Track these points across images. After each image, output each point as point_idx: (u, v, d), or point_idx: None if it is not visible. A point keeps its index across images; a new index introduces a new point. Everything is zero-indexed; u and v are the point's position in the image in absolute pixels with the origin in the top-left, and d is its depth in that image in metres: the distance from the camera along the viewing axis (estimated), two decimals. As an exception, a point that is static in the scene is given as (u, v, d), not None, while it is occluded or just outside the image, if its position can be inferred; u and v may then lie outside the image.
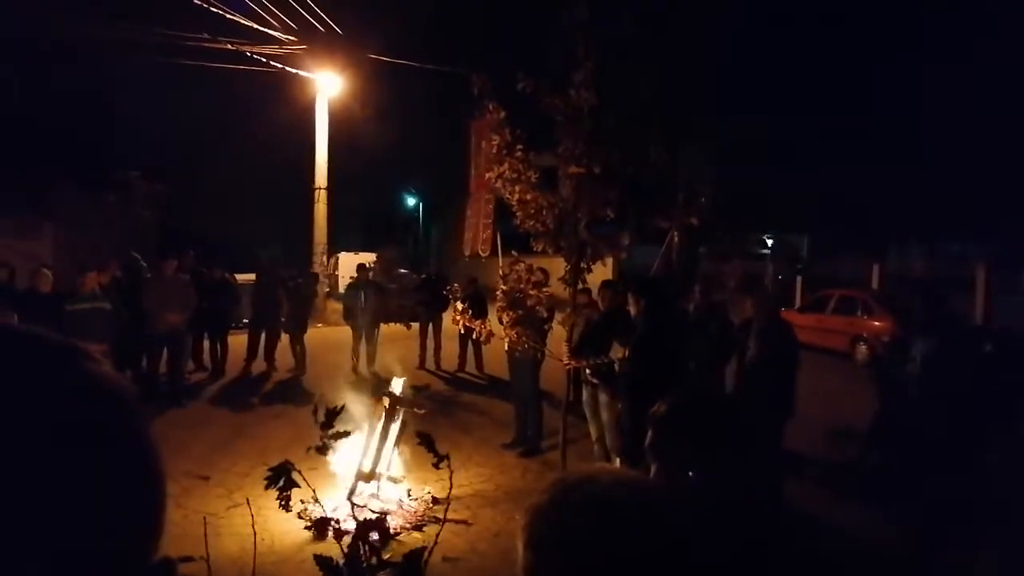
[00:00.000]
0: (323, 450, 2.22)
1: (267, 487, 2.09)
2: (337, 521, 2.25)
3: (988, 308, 14.48)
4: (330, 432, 2.23)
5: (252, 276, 12.53)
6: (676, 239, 10.94)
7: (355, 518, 2.20)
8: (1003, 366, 6.87)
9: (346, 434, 2.29)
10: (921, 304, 6.63)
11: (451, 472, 2.75)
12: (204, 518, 4.38)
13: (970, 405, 5.98)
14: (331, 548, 2.09)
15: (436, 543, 2.70)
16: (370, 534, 2.11)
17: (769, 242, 33.89)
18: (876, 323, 13.41)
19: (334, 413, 2.26)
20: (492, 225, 7.51)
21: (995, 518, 5.14)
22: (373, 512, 5.44)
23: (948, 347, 5.84)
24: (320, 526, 2.09)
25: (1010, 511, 5.18)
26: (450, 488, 2.96)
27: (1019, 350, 7.48)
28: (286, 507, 2.09)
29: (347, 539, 2.08)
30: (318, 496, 2.48)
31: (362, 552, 2.08)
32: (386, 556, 2.25)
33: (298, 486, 2.12)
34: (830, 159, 28.96)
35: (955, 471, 5.62)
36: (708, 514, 1.00)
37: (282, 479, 2.09)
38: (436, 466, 2.65)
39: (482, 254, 8.08)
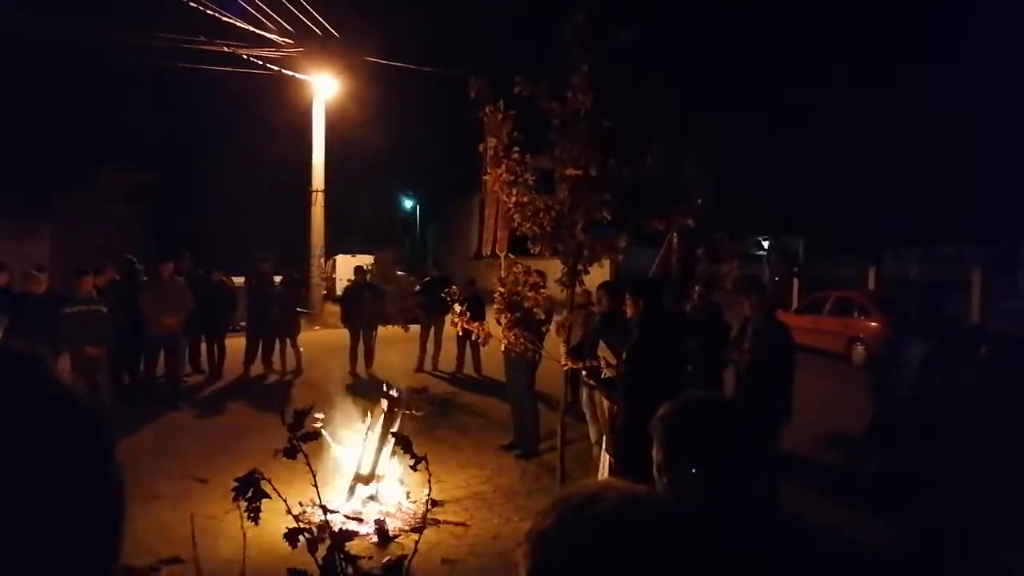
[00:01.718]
0: (291, 453, 2.19)
1: (234, 499, 2.06)
2: (331, 525, 2.23)
3: (984, 311, 14.52)
4: (299, 434, 2.20)
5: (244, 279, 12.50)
6: (676, 241, 10.93)
7: (329, 526, 2.18)
8: (1000, 368, 6.88)
9: (315, 436, 2.27)
10: (918, 306, 6.64)
11: (430, 474, 2.76)
12: (191, 515, 4.38)
13: (968, 406, 5.99)
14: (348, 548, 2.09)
15: (416, 551, 2.71)
16: (345, 545, 2.08)
17: (765, 244, 33.96)
18: (872, 324, 13.44)
19: (303, 414, 2.24)
20: (507, 225, 7.51)
21: (996, 519, 5.16)
22: (349, 518, 5.43)
23: (947, 348, 5.85)
24: (291, 536, 2.06)
25: (1011, 512, 5.20)
26: (429, 489, 2.95)
27: (1016, 352, 7.50)
28: (255, 519, 2.06)
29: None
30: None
31: (337, 563, 2.06)
32: (384, 559, 2.24)
33: (268, 496, 2.09)
34: (827, 162, 29.04)
35: (954, 472, 5.63)
36: (715, 522, 0.97)
37: (250, 490, 2.05)
38: (413, 468, 2.64)
39: (499, 254, 8.06)
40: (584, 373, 6.22)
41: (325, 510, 2.34)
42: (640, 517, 0.84)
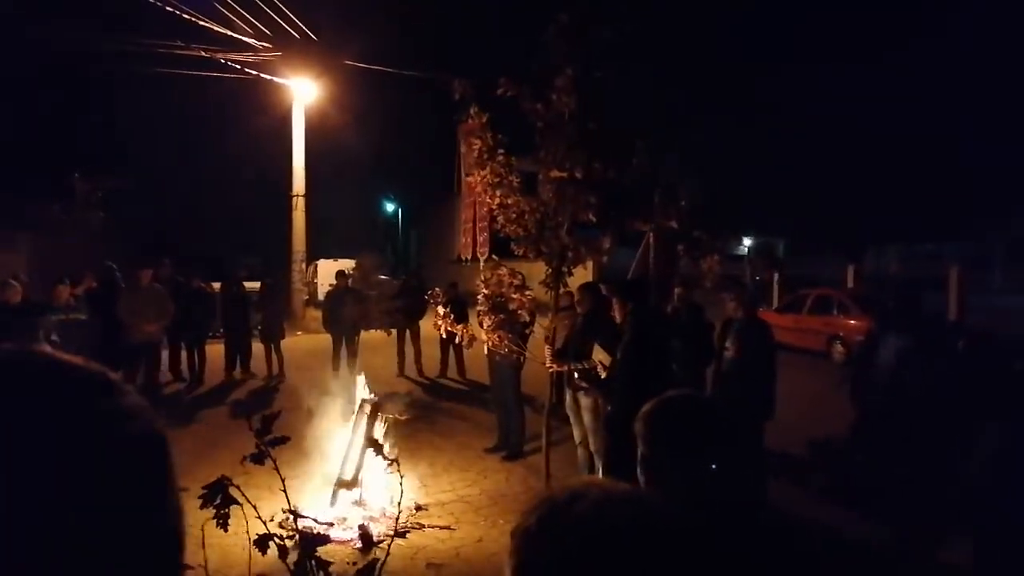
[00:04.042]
0: (259, 459, 2.16)
1: (202, 506, 2.03)
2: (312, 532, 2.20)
3: (962, 307, 14.71)
4: (267, 439, 2.17)
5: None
6: (652, 241, 10.97)
7: (299, 531, 2.16)
8: (976, 364, 6.94)
9: (284, 440, 2.23)
10: (896, 304, 6.69)
11: (401, 476, 2.73)
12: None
13: (944, 402, 6.04)
14: (332, 555, 2.05)
15: (388, 554, 2.68)
16: (316, 550, 2.05)
17: (746, 244, 34.23)
18: (852, 322, 13.55)
19: (270, 419, 2.21)
20: (488, 228, 7.46)
21: (973, 515, 5.20)
22: (320, 523, 5.38)
23: (923, 347, 5.90)
24: (261, 542, 2.03)
25: (986, 508, 5.24)
26: (401, 493, 2.92)
27: (991, 348, 7.56)
28: (224, 526, 2.03)
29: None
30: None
31: (309, 569, 2.03)
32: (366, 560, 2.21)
33: (237, 503, 2.06)
34: (807, 161, 29.31)
35: (933, 469, 5.67)
36: (697, 520, 0.96)
37: (219, 496, 2.02)
38: (388, 470, 2.62)
39: (480, 257, 8.01)
40: (576, 376, 6.22)
41: (296, 515, 2.30)
42: (622, 516, 0.84)
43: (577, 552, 0.81)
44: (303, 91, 18.98)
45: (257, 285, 12.59)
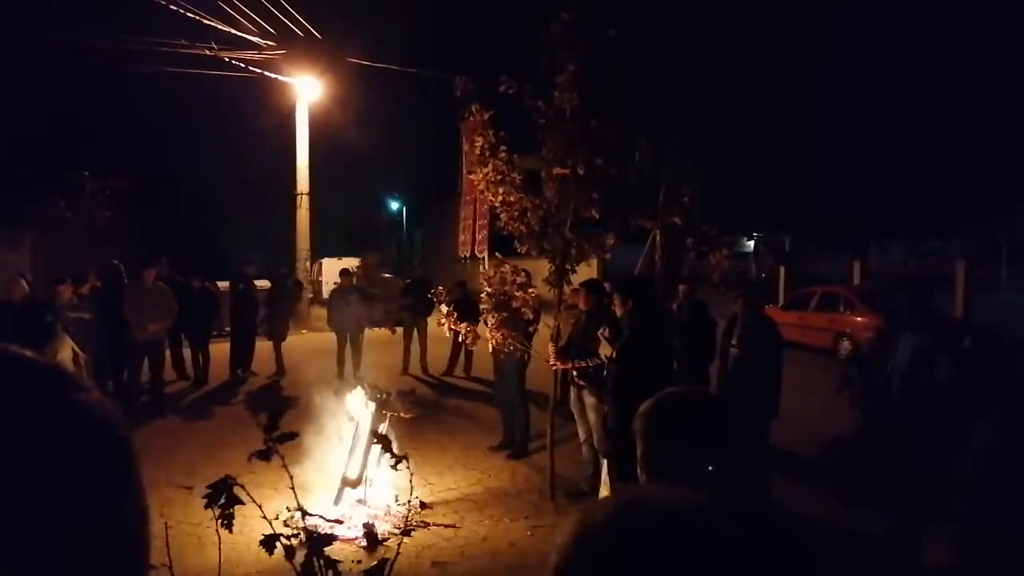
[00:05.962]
0: (266, 455, 2.15)
1: (207, 506, 2.02)
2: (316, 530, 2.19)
3: (967, 304, 14.64)
4: (275, 435, 2.16)
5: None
6: (659, 238, 10.95)
7: (308, 531, 2.15)
8: (981, 360, 6.89)
9: (292, 436, 2.22)
10: (906, 302, 6.65)
11: (411, 475, 2.71)
12: (165, 523, 4.31)
13: (952, 401, 6.01)
14: (337, 553, 2.04)
15: (398, 554, 2.67)
16: (323, 549, 2.04)
17: (752, 242, 34.13)
18: (859, 319, 13.51)
19: (277, 415, 2.20)
20: (488, 226, 7.45)
21: (979, 512, 5.16)
22: (328, 520, 5.39)
23: (938, 344, 5.87)
24: (268, 542, 2.01)
25: (992, 505, 5.20)
26: (411, 490, 2.90)
27: (997, 344, 7.52)
28: (228, 526, 2.02)
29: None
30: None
31: (316, 568, 2.02)
32: (374, 562, 2.20)
33: (242, 502, 2.05)
34: (811, 158, 29.23)
35: (940, 467, 5.64)
36: (746, 526, 0.91)
37: (223, 496, 2.01)
38: (394, 467, 2.60)
39: (479, 255, 8.02)
40: (575, 373, 6.20)
41: (304, 513, 2.29)
42: (679, 533, 0.79)
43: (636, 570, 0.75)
44: (307, 89, 18.98)
45: (267, 284, 12.60)
